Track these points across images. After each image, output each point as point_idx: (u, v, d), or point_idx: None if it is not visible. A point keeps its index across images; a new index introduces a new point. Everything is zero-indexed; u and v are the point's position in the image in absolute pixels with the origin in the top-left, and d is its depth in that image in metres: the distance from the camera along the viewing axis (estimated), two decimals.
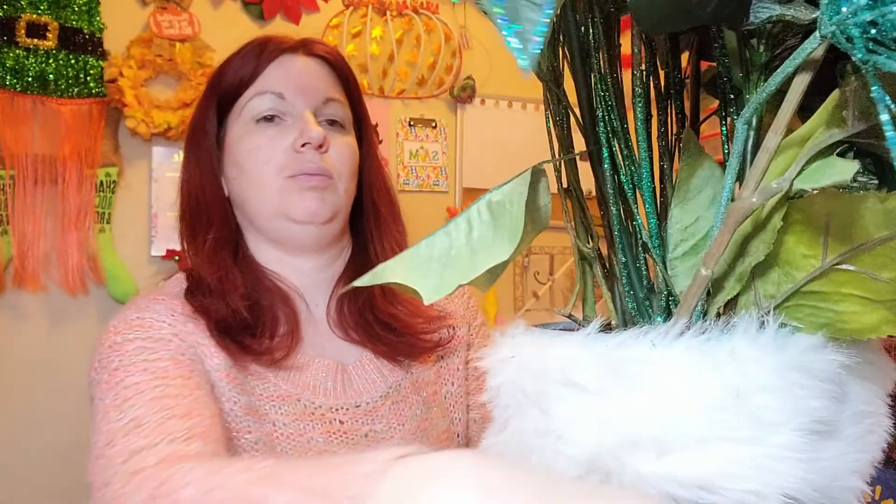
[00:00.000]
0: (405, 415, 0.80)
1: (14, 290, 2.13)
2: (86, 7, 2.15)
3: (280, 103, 0.78)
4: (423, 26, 2.62)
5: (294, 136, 0.77)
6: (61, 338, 2.19)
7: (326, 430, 0.74)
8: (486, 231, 0.34)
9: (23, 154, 2.09)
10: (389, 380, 0.81)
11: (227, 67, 0.82)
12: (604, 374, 0.35)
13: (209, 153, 0.82)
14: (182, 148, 2.28)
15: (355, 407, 0.77)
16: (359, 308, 0.83)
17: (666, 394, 0.33)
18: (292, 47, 0.80)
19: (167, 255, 2.28)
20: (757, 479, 0.32)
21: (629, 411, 0.34)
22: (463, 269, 0.33)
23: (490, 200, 0.35)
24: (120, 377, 0.64)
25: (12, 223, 2.09)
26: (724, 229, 0.35)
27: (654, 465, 0.33)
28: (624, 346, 0.35)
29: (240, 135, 0.79)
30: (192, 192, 0.82)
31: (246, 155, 0.78)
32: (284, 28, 2.46)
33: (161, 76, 2.28)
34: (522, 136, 2.72)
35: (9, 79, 2.06)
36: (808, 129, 0.35)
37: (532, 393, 0.37)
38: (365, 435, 0.76)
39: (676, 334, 0.34)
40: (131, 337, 0.69)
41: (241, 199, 0.80)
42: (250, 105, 0.78)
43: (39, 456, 2.15)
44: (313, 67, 0.81)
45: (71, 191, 2.14)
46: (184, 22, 2.29)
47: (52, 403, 2.17)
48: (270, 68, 0.79)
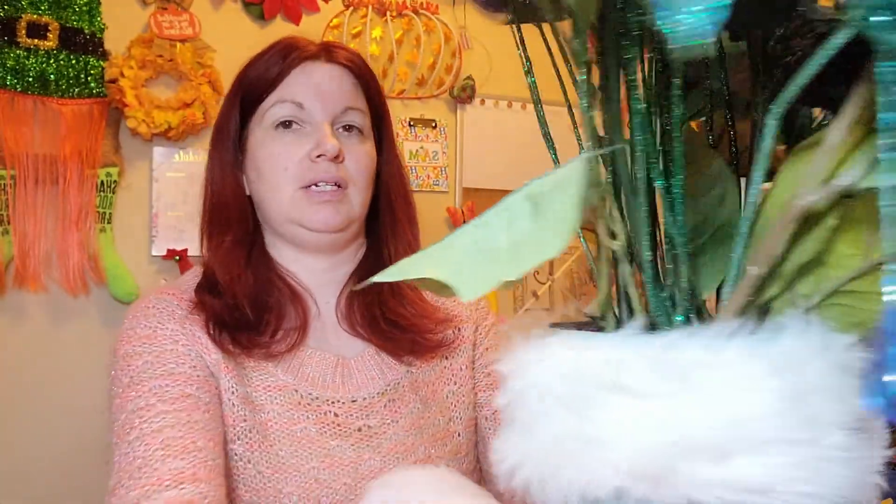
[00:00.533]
0: (400, 412, 0.81)
1: (15, 289, 2.13)
2: (86, 7, 2.16)
3: (299, 112, 0.80)
4: (423, 27, 2.63)
5: (311, 146, 0.80)
6: (62, 338, 2.19)
7: (320, 422, 0.76)
8: (528, 224, 0.32)
9: (23, 154, 2.09)
10: (388, 377, 0.83)
11: (251, 69, 0.84)
12: (655, 377, 0.33)
13: (231, 153, 0.84)
14: (182, 148, 2.30)
15: (351, 402, 0.79)
16: (367, 304, 0.85)
17: (724, 397, 0.32)
18: (315, 54, 0.82)
19: (168, 254, 2.29)
20: (815, 482, 0.32)
21: (683, 415, 0.33)
22: (504, 265, 0.31)
23: (531, 192, 0.33)
24: (130, 397, 0.72)
25: (13, 223, 2.09)
26: (780, 227, 0.34)
27: (711, 471, 0.32)
28: (674, 347, 0.34)
29: (260, 139, 0.81)
30: (214, 192, 0.85)
31: (264, 160, 0.80)
32: (285, 28, 2.47)
33: (162, 76, 2.29)
34: (522, 136, 2.73)
35: (9, 79, 2.07)
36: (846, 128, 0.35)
37: (566, 397, 0.35)
38: (358, 429, 0.78)
39: (728, 335, 0.33)
40: (140, 350, 0.75)
41: (260, 200, 0.83)
42: (271, 111, 0.81)
43: (40, 457, 2.16)
44: (335, 75, 0.82)
45: (72, 191, 2.14)
46: (184, 22, 2.29)
47: (52, 403, 2.17)
48: (293, 75, 0.81)
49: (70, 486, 2.18)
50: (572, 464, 0.35)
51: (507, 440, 0.39)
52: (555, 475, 0.36)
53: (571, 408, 0.35)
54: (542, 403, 0.36)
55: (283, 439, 0.75)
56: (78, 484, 2.19)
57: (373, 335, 0.84)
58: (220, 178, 0.84)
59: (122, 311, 2.26)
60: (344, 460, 0.75)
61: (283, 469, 0.73)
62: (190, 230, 2.34)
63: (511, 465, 0.38)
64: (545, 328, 0.41)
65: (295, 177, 0.79)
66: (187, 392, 0.71)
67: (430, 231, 1.04)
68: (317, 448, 0.75)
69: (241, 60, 2.68)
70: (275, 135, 0.80)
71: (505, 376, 0.39)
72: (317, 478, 0.74)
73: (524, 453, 0.37)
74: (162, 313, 0.78)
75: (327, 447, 0.76)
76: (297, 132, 0.80)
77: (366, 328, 0.84)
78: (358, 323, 0.84)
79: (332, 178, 0.79)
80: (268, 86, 0.81)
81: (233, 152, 0.84)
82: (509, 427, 0.39)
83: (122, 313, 2.25)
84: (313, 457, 0.74)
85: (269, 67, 0.81)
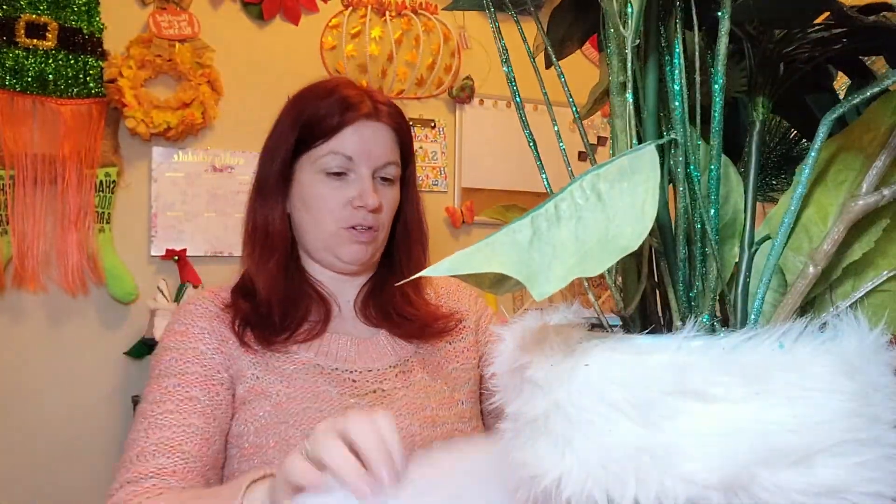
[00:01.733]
0: (410, 380, 0.95)
1: (14, 289, 2.13)
2: (85, 7, 2.16)
3: (348, 163, 0.93)
4: (422, 27, 2.63)
5: (354, 194, 0.93)
6: (61, 337, 2.19)
7: (340, 385, 0.90)
8: (597, 216, 0.30)
9: (22, 154, 2.09)
10: (399, 354, 0.97)
11: (311, 109, 0.94)
12: (726, 381, 0.32)
13: (279, 183, 0.96)
14: (181, 148, 2.30)
15: (367, 371, 0.93)
16: (381, 303, 1.00)
17: (801, 399, 0.31)
18: (367, 114, 0.94)
19: (167, 254, 2.29)
20: (882, 480, 0.32)
21: (762, 420, 0.31)
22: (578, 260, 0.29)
23: (593, 182, 0.31)
24: (152, 389, 0.86)
25: (12, 223, 2.09)
26: (839, 226, 0.34)
27: (790, 476, 0.31)
28: (738, 349, 0.32)
29: (309, 179, 0.94)
30: (259, 224, 0.97)
31: (312, 199, 0.94)
32: (284, 29, 2.47)
33: (161, 76, 2.29)
34: (521, 136, 2.72)
35: (8, 79, 2.06)
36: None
37: (623, 404, 0.33)
38: (373, 391, 0.92)
39: (795, 336, 0.33)
40: (171, 346, 0.89)
41: (300, 229, 0.97)
42: (324, 160, 0.93)
43: (40, 456, 2.16)
44: (380, 134, 0.95)
45: (71, 191, 2.14)
46: (183, 22, 2.29)
47: (51, 402, 2.17)
48: (348, 131, 0.93)
49: (69, 486, 2.18)
50: (636, 477, 0.32)
51: (543, 453, 0.36)
52: (613, 490, 0.33)
53: (631, 416, 0.33)
54: (590, 412, 0.34)
55: (307, 398, 0.88)
56: (77, 482, 2.19)
57: (384, 322, 0.98)
58: (266, 212, 0.97)
59: (121, 311, 2.27)
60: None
61: (307, 420, 0.86)
62: (189, 230, 2.34)
63: (552, 481, 0.35)
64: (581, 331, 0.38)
65: (337, 218, 0.94)
66: (192, 395, 0.85)
67: (430, 231, 1.06)
68: (336, 404, 0.88)
69: (240, 60, 2.64)
70: (325, 180, 0.94)
71: (539, 384, 0.36)
72: None
73: (568, 467, 0.34)
74: (196, 311, 0.93)
75: (346, 403, 0.89)
76: (344, 179, 0.94)
77: (379, 318, 0.99)
78: (372, 315, 0.99)
79: (369, 223, 0.95)
80: (324, 135, 0.93)
81: (281, 182, 0.96)
82: (542, 438, 0.36)
83: (121, 313, 2.26)
84: (333, 410, 0.88)
85: (328, 117, 0.93)
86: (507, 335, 0.42)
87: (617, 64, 0.38)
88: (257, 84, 2.43)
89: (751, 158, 0.43)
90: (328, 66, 2.53)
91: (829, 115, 0.34)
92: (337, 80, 0.98)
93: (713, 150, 0.38)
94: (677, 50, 0.38)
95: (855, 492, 0.31)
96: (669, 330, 0.41)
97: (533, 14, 0.46)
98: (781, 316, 0.37)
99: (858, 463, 0.31)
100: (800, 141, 0.57)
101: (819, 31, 0.42)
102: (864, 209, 0.34)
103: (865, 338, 0.33)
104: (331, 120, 0.92)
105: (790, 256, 0.39)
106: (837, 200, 0.38)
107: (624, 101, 0.37)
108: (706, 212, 0.38)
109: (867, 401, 0.32)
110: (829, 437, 0.31)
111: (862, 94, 0.33)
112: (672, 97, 0.38)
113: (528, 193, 2.73)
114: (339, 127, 0.92)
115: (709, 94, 0.38)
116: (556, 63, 0.45)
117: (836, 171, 0.39)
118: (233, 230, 2.39)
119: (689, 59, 0.39)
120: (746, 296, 0.40)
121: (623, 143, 0.38)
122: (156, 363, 0.90)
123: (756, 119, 0.44)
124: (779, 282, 0.40)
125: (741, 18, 0.39)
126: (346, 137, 0.92)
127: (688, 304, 0.38)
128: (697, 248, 0.38)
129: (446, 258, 0.30)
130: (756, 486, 0.31)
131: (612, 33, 0.38)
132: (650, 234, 0.35)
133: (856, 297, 0.38)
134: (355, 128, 0.93)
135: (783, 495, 0.31)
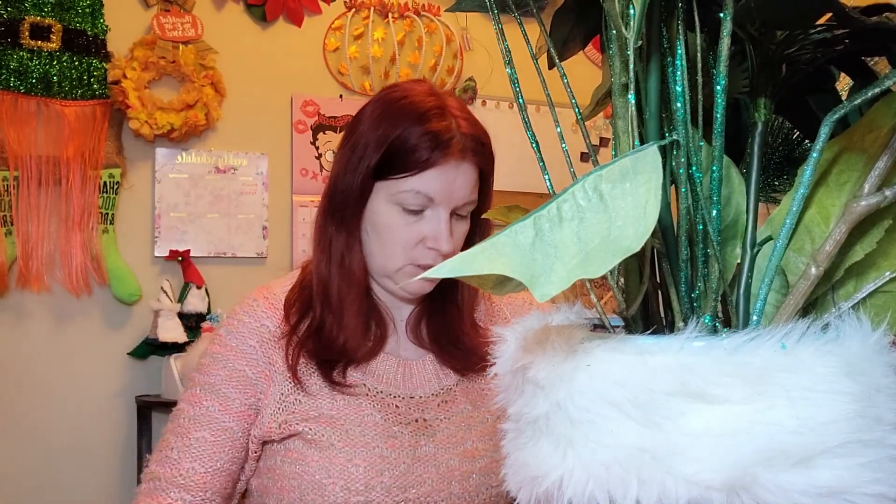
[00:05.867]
0: (451, 411, 0.93)
1: (18, 290, 2.14)
2: (89, 9, 2.16)
3: (427, 202, 0.88)
4: (425, 28, 2.63)
5: (427, 234, 0.88)
6: (65, 337, 2.20)
7: (384, 410, 0.89)
8: (599, 217, 0.30)
9: (27, 155, 2.10)
10: (443, 382, 0.95)
11: (400, 134, 0.87)
12: (729, 382, 0.32)
13: (358, 204, 0.91)
14: (184, 149, 2.30)
15: (410, 398, 0.92)
16: (434, 324, 0.97)
17: (804, 400, 0.31)
18: (459, 153, 0.88)
19: (170, 255, 2.29)
20: (884, 482, 0.32)
21: (765, 421, 0.31)
22: (580, 262, 0.29)
23: (595, 183, 0.31)
24: (197, 401, 0.89)
25: (16, 224, 2.10)
26: (841, 227, 0.34)
27: (792, 477, 0.31)
28: (741, 350, 0.32)
29: (384, 209, 0.89)
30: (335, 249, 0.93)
31: (382, 228, 0.90)
32: (287, 30, 2.48)
33: (164, 78, 2.29)
34: (523, 137, 2.72)
35: (13, 80, 2.07)
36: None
37: (623, 404, 0.33)
38: (415, 420, 0.91)
39: (797, 337, 0.32)
40: (223, 358, 0.90)
41: (369, 252, 0.93)
42: (404, 195, 0.87)
43: (43, 455, 2.16)
44: (465, 175, 0.89)
45: (74, 192, 2.15)
46: (187, 24, 2.30)
47: (55, 402, 2.18)
48: (434, 171, 0.87)
49: (70, 486, 2.18)
50: (637, 478, 0.32)
51: (545, 454, 0.36)
52: (614, 491, 0.33)
53: (633, 417, 0.33)
54: (591, 413, 0.34)
55: (352, 420, 0.87)
56: (80, 482, 2.19)
57: (433, 345, 0.96)
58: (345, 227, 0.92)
59: (125, 312, 2.27)
60: (404, 443, 0.88)
61: (353, 444, 0.86)
62: (192, 231, 2.35)
63: (554, 481, 0.35)
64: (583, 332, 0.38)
65: (408, 255, 0.90)
66: (228, 426, 0.87)
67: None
68: (381, 430, 0.87)
69: (243, 62, 2.65)
70: (400, 213, 0.89)
71: (541, 384, 0.36)
72: (381, 454, 0.86)
73: (570, 468, 0.34)
74: (251, 326, 0.91)
75: (390, 431, 0.88)
76: (420, 216, 0.89)
77: (430, 339, 0.97)
78: (422, 334, 0.97)
79: (435, 262, 0.90)
80: (409, 169, 0.87)
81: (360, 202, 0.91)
82: (544, 439, 0.36)
83: (124, 313, 2.27)
84: (379, 437, 0.87)
85: (417, 151, 0.86)
86: (509, 335, 0.42)
87: (619, 65, 0.38)
88: (260, 85, 2.44)
89: (753, 159, 0.43)
90: (331, 68, 2.54)
91: (831, 115, 0.34)
92: (428, 103, 0.89)
93: (715, 151, 0.38)
94: (679, 51, 0.38)
95: (857, 493, 0.31)
96: (671, 331, 0.41)
97: (535, 15, 0.46)
98: (783, 317, 0.37)
99: (861, 464, 0.31)
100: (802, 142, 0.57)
101: (821, 32, 0.42)
102: (867, 210, 0.34)
103: (868, 339, 0.33)
104: (419, 155, 0.86)
105: (792, 257, 0.39)
106: (840, 201, 0.38)
107: (626, 102, 0.37)
108: (708, 213, 0.38)
109: (869, 402, 0.32)
110: (832, 439, 0.31)
111: (864, 95, 0.33)
112: (674, 98, 0.38)
113: (531, 194, 2.73)
114: (427, 166, 0.86)
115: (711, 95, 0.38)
116: (559, 64, 0.45)
117: (839, 171, 0.39)
118: (236, 231, 2.40)
119: (691, 61, 0.39)
120: (748, 297, 0.40)
121: (625, 144, 0.38)
122: (202, 373, 0.90)
123: (758, 120, 0.44)
124: (781, 283, 0.40)
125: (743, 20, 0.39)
126: (432, 178, 0.87)
127: (690, 304, 0.38)
128: (699, 249, 0.38)
129: (449, 260, 0.30)
130: (758, 487, 0.31)
131: (614, 34, 0.38)
132: (652, 235, 0.34)
133: (858, 298, 0.38)
134: (442, 169, 0.87)
135: (785, 496, 0.31)
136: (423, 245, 0.89)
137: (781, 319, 0.38)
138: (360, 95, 2.54)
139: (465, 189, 0.90)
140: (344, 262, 0.92)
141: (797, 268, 0.39)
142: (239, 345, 0.90)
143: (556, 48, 0.46)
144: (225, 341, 0.91)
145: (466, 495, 0.88)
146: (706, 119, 0.40)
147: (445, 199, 0.88)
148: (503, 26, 0.45)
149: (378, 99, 0.92)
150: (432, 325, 0.97)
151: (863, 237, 0.37)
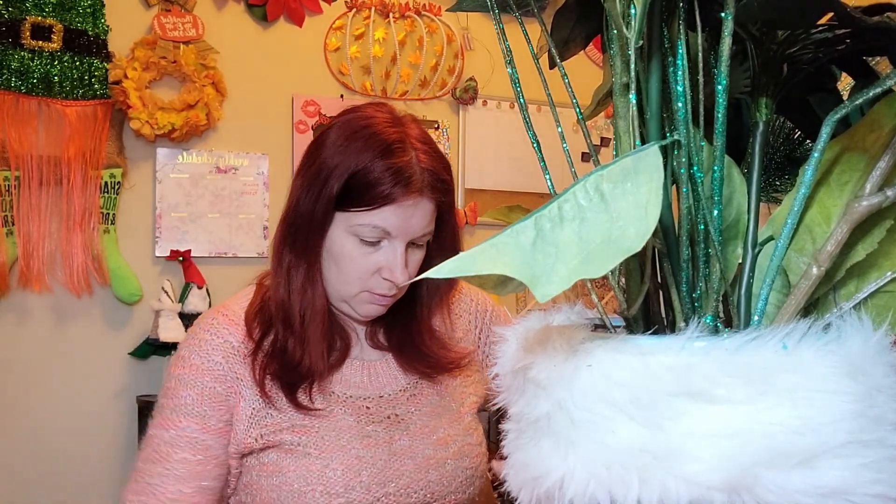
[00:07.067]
0: (421, 402, 0.97)
1: (19, 290, 2.14)
2: (90, 9, 2.16)
3: (384, 235, 0.89)
4: (426, 28, 2.63)
5: (383, 265, 0.89)
6: (66, 337, 2.20)
7: (357, 413, 0.91)
8: (600, 217, 0.30)
9: (28, 155, 2.10)
10: (409, 377, 0.98)
11: (363, 166, 0.87)
12: (731, 382, 0.32)
13: (318, 230, 0.90)
14: (185, 149, 2.30)
15: (379, 397, 0.95)
16: (391, 328, 0.99)
17: (805, 400, 0.31)
18: (417, 190, 0.87)
19: (171, 255, 2.29)
20: (885, 482, 0.32)
21: (766, 421, 0.31)
22: (581, 262, 0.29)
23: (596, 183, 0.31)
24: (171, 425, 0.88)
25: (17, 224, 2.10)
26: (842, 227, 0.34)
27: (793, 477, 0.31)
28: (742, 350, 0.32)
29: (341, 238, 0.90)
30: (294, 273, 0.92)
31: (339, 257, 0.90)
32: (287, 30, 2.48)
33: (165, 78, 2.29)
34: (524, 137, 2.72)
35: (14, 80, 2.07)
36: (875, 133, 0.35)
37: (624, 404, 0.33)
38: (388, 417, 0.93)
39: (799, 337, 0.32)
40: (189, 380, 0.89)
41: (326, 278, 0.93)
42: (361, 228, 0.88)
43: (44, 455, 2.16)
44: (423, 210, 0.90)
45: (75, 192, 2.15)
46: (188, 24, 2.30)
47: (56, 402, 2.18)
48: (393, 207, 0.87)
49: (71, 485, 2.18)
50: (639, 478, 0.32)
51: (546, 454, 0.36)
52: (616, 491, 0.33)
53: (634, 417, 0.33)
54: (593, 413, 0.34)
55: (326, 427, 0.89)
56: (80, 482, 2.19)
57: (392, 349, 0.98)
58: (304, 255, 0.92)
59: (126, 312, 2.27)
60: (379, 440, 0.90)
61: (329, 449, 0.87)
62: (193, 231, 2.35)
63: (555, 481, 0.35)
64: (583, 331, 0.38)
65: (363, 284, 0.91)
66: (208, 443, 0.87)
67: None
68: (355, 432, 0.90)
69: (244, 62, 2.66)
70: (358, 244, 0.89)
71: (542, 385, 0.36)
72: (357, 455, 0.88)
73: (571, 468, 0.34)
74: (213, 343, 0.90)
75: (364, 431, 0.90)
76: (376, 247, 0.90)
77: (388, 344, 0.99)
78: (381, 340, 1.00)
79: (392, 293, 0.92)
80: (369, 203, 0.87)
81: (319, 227, 0.90)
82: (545, 439, 0.36)
83: (125, 314, 2.27)
84: (354, 438, 0.89)
85: (378, 185, 0.86)
86: (510, 336, 0.42)
87: (620, 65, 0.38)
88: (261, 85, 2.44)
89: (754, 159, 0.43)
90: (332, 68, 2.54)
91: (832, 115, 0.34)
92: (391, 135, 0.89)
93: (716, 151, 0.38)
94: (680, 51, 0.38)
95: (859, 493, 0.31)
96: (672, 331, 0.41)
97: (537, 15, 0.46)
98: (785, 317, 0.37)
99: (862, 464, 0.31)
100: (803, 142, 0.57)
101: (822, 31, 0.42)
102: (868, 210, 0.34)
103: (869, 339, 0.33)
104: (380, 190, 0.86)
105: (793, 257, 0.39)
106: (841, 201, 0.38)
107: (627, 102, 0.37)
108: (709, 213, 0.38)
109: (871, 402, 0.32)
110: (833, 439, 0.31)
111: (865, 95, 0.33)
112: (675, 98, 0.38)
113: (532, 194, 2.73)
114: (386, 202, 0.86)
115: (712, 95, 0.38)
116: (560, 64, 0.45)
117: (840, 171, 0.39)
118: (237, 231, 2.40)
119: (692, 60, 0.39)
120: (750, 297, 0.39)
121: (626, 143, 0.38)
122: (171, 396, 0.89)
123: (759, 120, 0.44)
124: (782, 283, 0.40)
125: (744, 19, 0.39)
126: (390, 213, 0.87)
127: (691, 304, 0.38)
128: (700, 249, 0.38)
129: (449, 259, 0.30)
130: (759, 487, 0.31)
131: (615, 34, 0.38)
132: (653, 234, 0.34)
133: (859, 298, 0.37)
134: (401, 205, 0.87)
135: (786, 496, 0.31)
136: (379, 275, 0.90)
137: (783, 319, 0.38)
138: (361, 95, 2.54)
139: (422, 223, 0.90)
140: (306, 291, 0.92)
141: (798, 268, 0.39)
142: (204, 362, 0.89)
143: (557, 48, 0.46)
144: (189, 361, 0.90)
145: (444, 481, 0.91)
146: (707, 119, 0.40)
147: (402, 232, 0.89)
148: (504, 26, 0.45)
149: (340, 125, 0.91)
150: (391, 331, 0.99)
151: (864, 237, 0.37)
